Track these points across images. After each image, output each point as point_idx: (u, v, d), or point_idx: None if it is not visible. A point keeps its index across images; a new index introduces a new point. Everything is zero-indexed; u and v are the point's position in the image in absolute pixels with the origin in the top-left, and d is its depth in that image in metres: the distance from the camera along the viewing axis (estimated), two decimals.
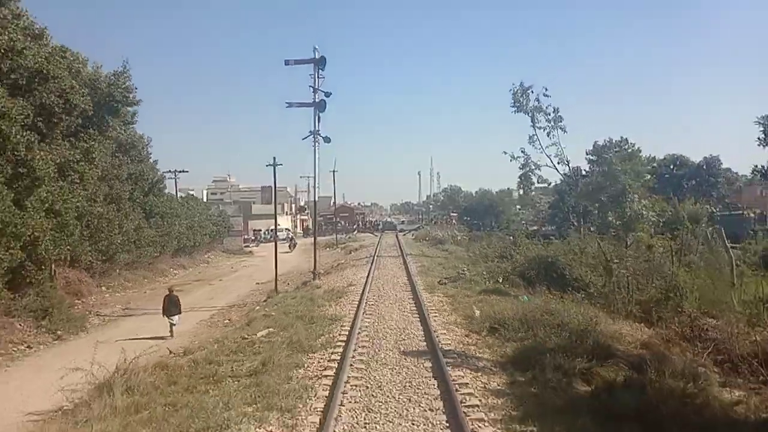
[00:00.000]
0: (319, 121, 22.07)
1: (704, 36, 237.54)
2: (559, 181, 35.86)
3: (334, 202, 70.07)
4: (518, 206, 55.60)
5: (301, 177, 76.25)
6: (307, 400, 7.52)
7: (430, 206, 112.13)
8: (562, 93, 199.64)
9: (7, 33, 15.78)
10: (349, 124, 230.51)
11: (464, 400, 7.42)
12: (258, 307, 18.20)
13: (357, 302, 15.37)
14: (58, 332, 17.02)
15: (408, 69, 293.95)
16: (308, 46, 29.14)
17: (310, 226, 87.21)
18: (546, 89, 29.01)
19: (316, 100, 21.39)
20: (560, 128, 28.80)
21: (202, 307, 21.33)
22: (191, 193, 60.07)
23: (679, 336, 12.36)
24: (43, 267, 18.02)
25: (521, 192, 39.54)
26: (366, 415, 6.98)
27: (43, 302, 17.71)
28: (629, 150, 29.16)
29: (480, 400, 7.52)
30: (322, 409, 7.14)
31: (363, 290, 17.52)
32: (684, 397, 7.86)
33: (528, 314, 11.90)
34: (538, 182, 31.96)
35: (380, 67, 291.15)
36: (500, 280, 18.82)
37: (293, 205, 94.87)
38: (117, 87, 21.85)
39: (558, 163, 29.43)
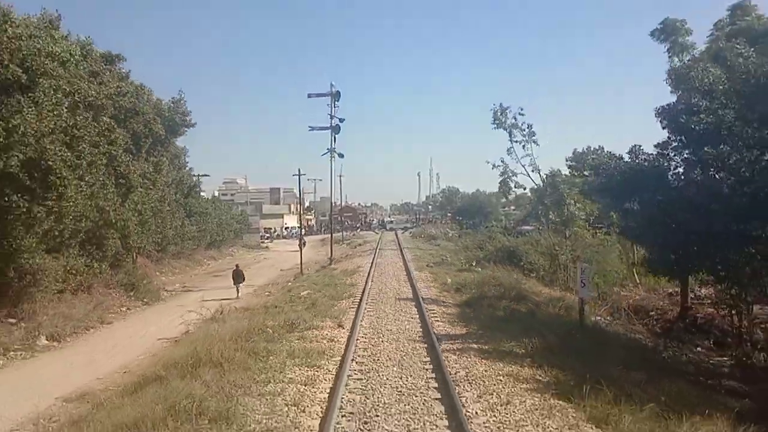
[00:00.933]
0: (335, 141, 28.10)
1: None
2: (535, 186, 41.96)
3: (340, 203, 75.92)
4: (508, 207, 61.70)
5: (308, 180, 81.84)
6: (343, 316, 13.51)
7: (429, 206, 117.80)
8: (563, 92, 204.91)
9: (120, 86, 21.81)
10: (349, 125, 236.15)
11: (430, 316, 13.39)
12: (290, 283, 24.24)
13: (366, 277, 21.33)
14: (145, 300, 23.07)
15: (408, 69, 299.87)
16: (308, 44, 34.95)
17: (314, 225, 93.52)
18: (521, 109, 34.89)
19: (333, 125, 27.40)
20: (534, 142, 34.76)
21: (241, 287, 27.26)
22: (203, 193, 65.88)
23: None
24: (130, 253, 24.07)
25: (503, 195, 45.56)
26: (376, 321, 12.98)
27: (130, 279, 23.78)
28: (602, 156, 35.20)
29: (439, 317, 13.52)
30: (353, 319, 13.11)
31: (369, 271, 23.50)
32: (556, 317, 13.94)
33: (481, 280, 17.95)
34: (515, 187, 38.01)
35: (381, 67, 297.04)
36: (473, 264, 24.86)
37: (298, 206, 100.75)
38: (176, 112, 27.80)
39: (532, 171, 35.54)
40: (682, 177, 12.80)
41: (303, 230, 71.19)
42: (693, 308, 17.10)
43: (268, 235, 64.98)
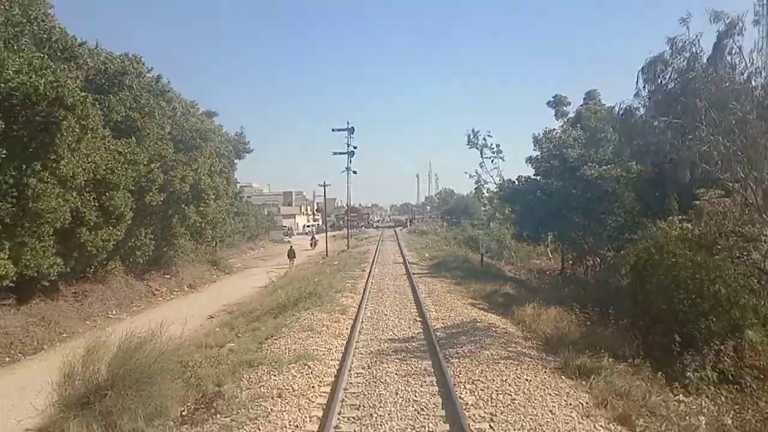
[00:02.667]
0: (350, 162, 39.37)
1: None
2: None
3: (347, 205, 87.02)
4: (485, 208, 72.96)
5: (319, 185, 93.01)
6: (364, 270, 24.76)
7: (428, 207, 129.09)
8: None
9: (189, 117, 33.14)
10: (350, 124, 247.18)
11: (411, 269, 24.62)
12: (323, 260, 35.49)
13: (373, 255, 32.55)
14: (225, 272, 34.31)
15: (409, 70, 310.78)
16: (312, 51, 45.75)
17: (321, 224, 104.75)
18: (489, 131, 46.09)
19: (348, 151, 38.70)
20: (500, 158, 45.99)
21: (286, 264, 38.53)
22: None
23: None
24: (214, 240, 35.39)
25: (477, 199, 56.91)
26: (382, 270, 24.26)
27: (213, 257, 35.04)
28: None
29: (416, 269, 24.79)
30: (369, 270, 24.31)
31: (375, 253, 34.69)
32: (474, 266, 25.22)
33: (445, 254, 29.25)
34: (486, 193, 49.28)
35: (382, 67, 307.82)
36: (446, 247, 36.06)
37: (308, 207, 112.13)
38: (239, 142, 38.91)
39: (498, 181, 46.82)
40: (537, 191, 23.75)
41: (315, 227, 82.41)
42: (567, 267, 28.26)
43: (289, 231, 76.35)
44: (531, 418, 6.64)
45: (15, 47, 15.09)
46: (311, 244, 55.20)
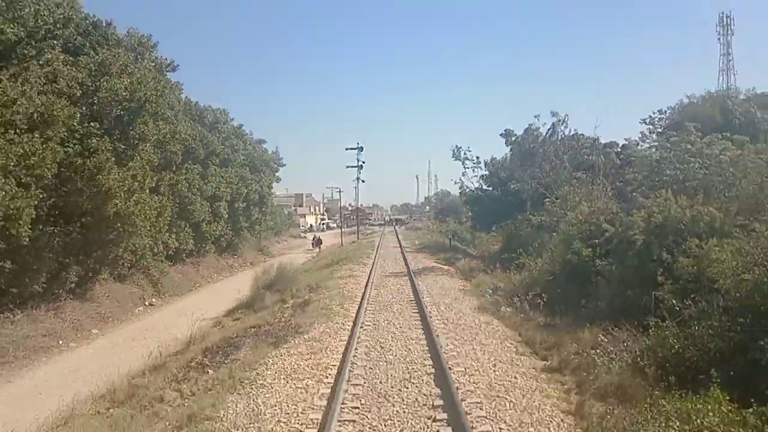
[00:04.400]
0: (361, 168, 51.34)
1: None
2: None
3: (356, 205, 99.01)
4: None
5: (327, 187, 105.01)
6: (372, 252, 36.77)
7: (427, 207, 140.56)
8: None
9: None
10: (352, 128, 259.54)
11: (404, 249, 36.62)
12: (339, 248, 47.53)
13: (378, 244, 44.56)
14: (270, 255, 46.39)
15: (408, 70, 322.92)
16: (312, 51, 57.60)
17: (329, 223, 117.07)
18: (469, 147, 58.03)
19: (358, 164, 50.69)
20: (480, 168, 58.12)
21: (311, 251, 50.61)
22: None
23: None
24: (259, 233, 47.53)
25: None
26: (384, 252, 36.31)
27: (259, 246, 47.15)
28: None
29: (408, 250, 36.80)
30: (375, 252, 36.29)
31: (379, 242, 46.70)
32: (450, 248, 37.36)
33: (429, 241, 41.33)
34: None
35: (383, 67, 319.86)
36: (431, 238, 47.94)
37: (316, 208, 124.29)
38: (273, 159, 50.83)
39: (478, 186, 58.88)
40: (485, 198, 35.45)
41: (326, 226, 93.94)
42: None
43: (304, 228, 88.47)
44: (440, 287, 18.59)
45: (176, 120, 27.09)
46: (315, 242, 64.99)
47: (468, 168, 55.52)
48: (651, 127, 25.45)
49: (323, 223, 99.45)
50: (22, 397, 11.62)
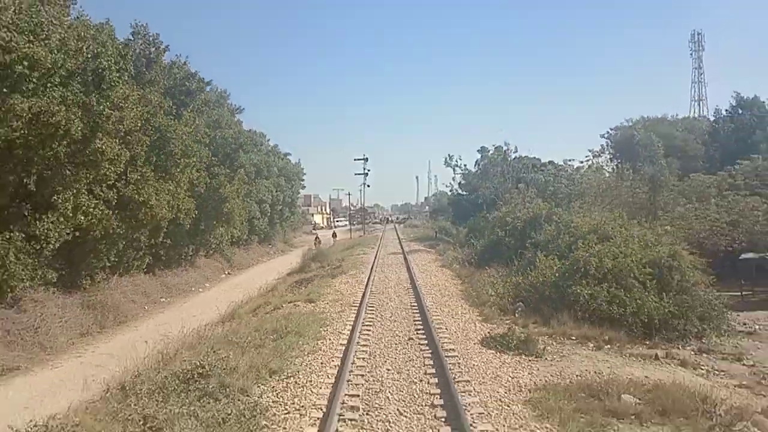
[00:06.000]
0: (366, 175, 62.27)
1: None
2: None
3: (362, 206, 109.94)
4: None
5: (333, 189, 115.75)
6: (376, 244, 47.72)
7: (426, 207, 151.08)
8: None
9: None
10: (353, 130, 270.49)
11: (403, 240, 47.58)
12: (349, 240, 58.51)
13: (380, 238, 55.48)
14: (293, 246, 57.41)
15: (408, 71, 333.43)
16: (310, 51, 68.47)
17: (337, 221, 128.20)
18: (460, 156, 69.15)
19: (364, 171, 61.68)
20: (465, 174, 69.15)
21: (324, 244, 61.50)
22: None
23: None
24: (286, 228, 58.58)
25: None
26: (385, 242, 47.30)
27: (284, 238, 58.19)
28: None
29: (405, 241, 47.76)
30: (378, 242, 47.22)
31: (382, 236, 57.60)
32: (438, 239, 48.43)
33: (422, 236, 52.35)
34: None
35: (383, 68, 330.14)
36: (423, 232, 58.83)
37: (323, 208, 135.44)
38: (299, 171, 61.65)
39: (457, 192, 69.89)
40: (462, 201, 45.96)
41: (337, 223, 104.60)
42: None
43: (314, 225, 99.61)
44: (421, 258, 29.55)
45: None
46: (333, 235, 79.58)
47: (457, 174, 67.18)
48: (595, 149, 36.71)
49: (337, 221, 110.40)
50: (197, 306, 22.47)
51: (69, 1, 16.83)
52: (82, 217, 15.48)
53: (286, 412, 7.38)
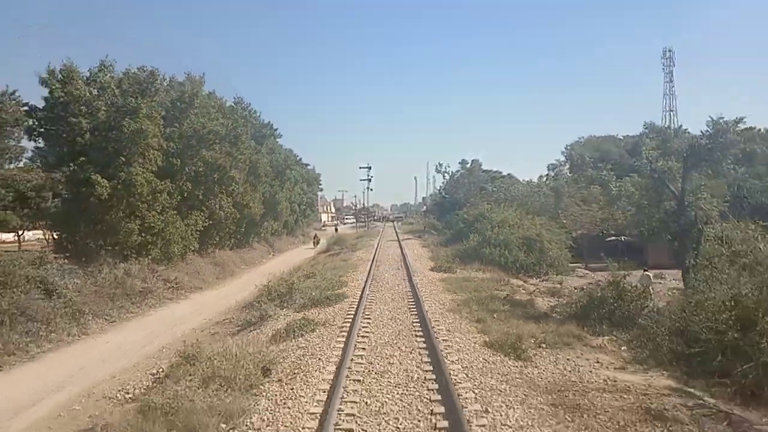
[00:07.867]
0: (370, 181, 74.90)
1: None
2: None
3: (363, 206, 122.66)
4: None
5: (339, 191, 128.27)
6: (377, 237, 60.50)
7: (424, 207, 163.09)
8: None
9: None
10: (352, 130, 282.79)
11: (400, 234, 60.34)
12: (356, 234, 71.30)
13: (380, 233, 68.21)
14: (307, 241, 70.22)
15: (408, 73, 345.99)
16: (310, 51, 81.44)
17: (341, 220, 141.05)
18: (449, 164, 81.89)
19: (368, 176, 74.31)
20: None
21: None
22: None
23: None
24: (304, 225, 71.49)
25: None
26: (385, 236, 60.13)
27: (303, 231, 71.08)
28: None
29: (402, 234, 60.61)
30: (380, 235, 59.94)
31: (382, 232, 70.34)
32: (433, 235, 61.34)
33: (415, 231, 65.27)
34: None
35: (384, 70, 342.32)
36: (417, 229, 71.55)
37: (328, 207, 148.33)
38: (317, 177, 74.12)
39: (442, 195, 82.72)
40: (444, 203, 58.57)
41: (341, 221, 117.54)
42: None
43: (322, 222, 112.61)
44: (411, 243, 42.40)
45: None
46: (336, 229, 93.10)
47: (446, 179, 80.00)
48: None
49: (345, 218, 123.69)
50: (270, 268, 35.17)
51: (203, 80, 29.65)
52: (221, 213, 28.35)
53: (353, 280, 20.30)
